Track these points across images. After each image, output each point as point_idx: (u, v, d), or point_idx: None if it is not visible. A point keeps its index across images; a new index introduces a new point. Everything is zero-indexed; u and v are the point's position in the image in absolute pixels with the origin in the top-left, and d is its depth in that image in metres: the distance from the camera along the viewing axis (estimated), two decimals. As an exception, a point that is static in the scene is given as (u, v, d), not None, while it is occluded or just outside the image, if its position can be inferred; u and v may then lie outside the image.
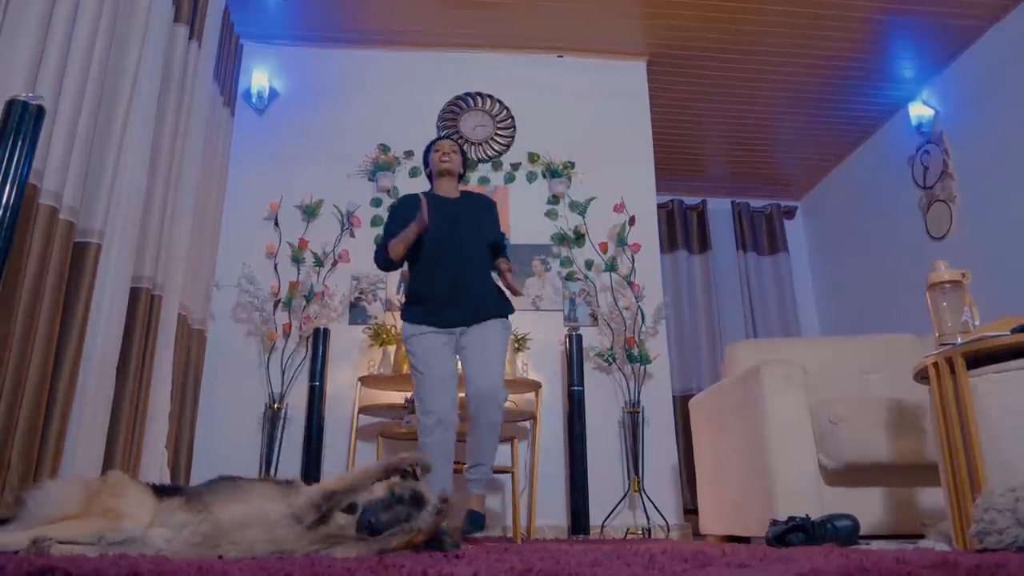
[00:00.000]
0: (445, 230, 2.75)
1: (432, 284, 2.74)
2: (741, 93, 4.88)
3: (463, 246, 2.75)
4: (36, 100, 1.71)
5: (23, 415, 2.00)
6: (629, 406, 3.95)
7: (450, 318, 2.71)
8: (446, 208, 2.81)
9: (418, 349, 2.69)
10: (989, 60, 4.25)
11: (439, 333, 2.71)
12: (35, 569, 0.80)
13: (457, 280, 2.73)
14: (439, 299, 2.72)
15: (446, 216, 2.78)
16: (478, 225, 2.83)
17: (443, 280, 2.73)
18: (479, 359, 2.66)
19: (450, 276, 2.73)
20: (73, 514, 1.33)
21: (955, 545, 1.82)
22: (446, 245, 2.74)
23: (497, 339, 2.72)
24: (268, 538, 1.30)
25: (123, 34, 2.60)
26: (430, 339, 2.70)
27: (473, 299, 2.74)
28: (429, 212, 2.67)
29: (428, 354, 2.67)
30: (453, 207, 2.84)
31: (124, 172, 2.57)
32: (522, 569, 0.95)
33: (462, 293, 2.72)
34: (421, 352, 2.68)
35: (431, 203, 2.75)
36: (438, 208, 2.79)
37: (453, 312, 2.71)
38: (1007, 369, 1.77)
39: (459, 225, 2.77)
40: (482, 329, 2.72)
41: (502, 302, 2.82)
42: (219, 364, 3.82)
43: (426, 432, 2.59)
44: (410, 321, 2.75)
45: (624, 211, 4.26)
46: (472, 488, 2.65)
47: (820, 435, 2.59)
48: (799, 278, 5.96)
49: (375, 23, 4.34)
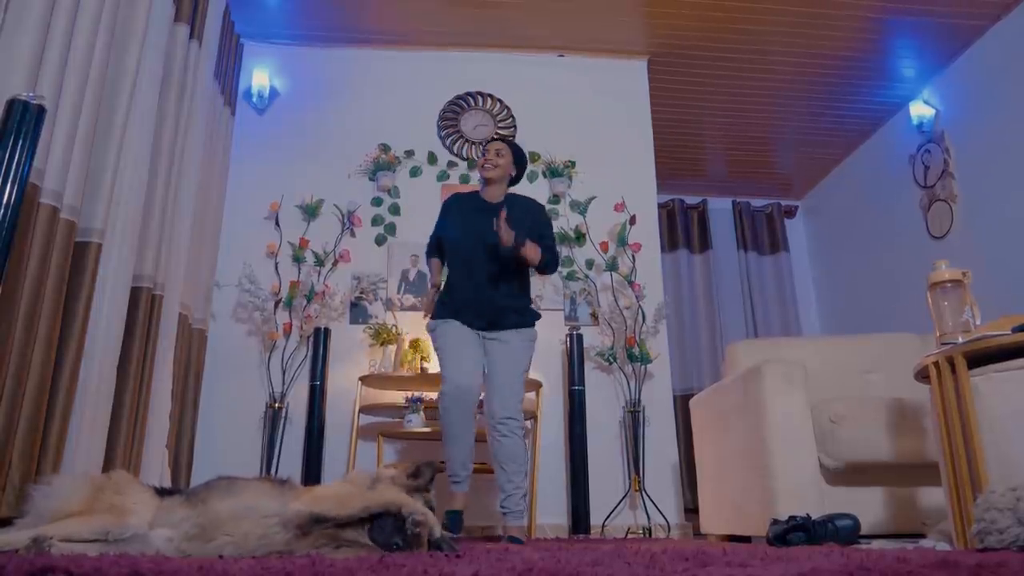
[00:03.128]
0: (476, 235, 2.76)
1: (461, 289, 2.78)
2: (742, 92, 4.87)
3: (492, 251, 2.74)
4: (37, 100, 1.71)
5: (24, 414, 2.00)
6: (630, 405, 3.95)
7: (473, 319, 2.77)
8: (483, 213, 2.80)
9: (440, 332, 2.76)
10: (990, 59, 4.24)
11: (465, 327, 2.77)
12: (36, 568, 0.80)
13: (485, 288, 2.75)
14: (464, 302, 2.77)
15: (480, 221, 2.77)
16: (517, 230, 2.69)
17: (472, 286, 2.76)
18: (499, 376, 2.70)
19: (478, 283, 2.76)
20: (78, 510, 1.34)
21: (956, 544, 1.82)
22: (475, 250, 2.76)
23: (519, 354, 2.74)
24: (261, 532, 1.31)
25: (123, 33, 2.60)
26: (452, 324, 2.76)
27: (496, 305, 2.76)
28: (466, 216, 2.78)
29: (449, 333, 2.74)
30: (491, 212, 2.77)
31: (125, 171, 2.57)
32: (523, 568, 0.94)
33: (486, 298, 2.75)
34: (443, 333, 2.75)
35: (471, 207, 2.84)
36: (475, 213, 2.81)
37: (476, 315, 2.76)
38: (1008, 368, 1.77)
39: (491, 230, 2.68)
40: (505, 342, 2.74)
41: (527, 311, 2.84)
42: (220, 364, 3.82)
43: (444, 399, 2.65)
44: (436, 317, 2.81)
45: (625, 210, 4.26)
46: (508, 520, 2.67)
47: (821, 434, 2.58)
48: (800, 277, 5.96)
49: (376, 22, 4.34)
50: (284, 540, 1.31)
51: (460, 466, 2.66)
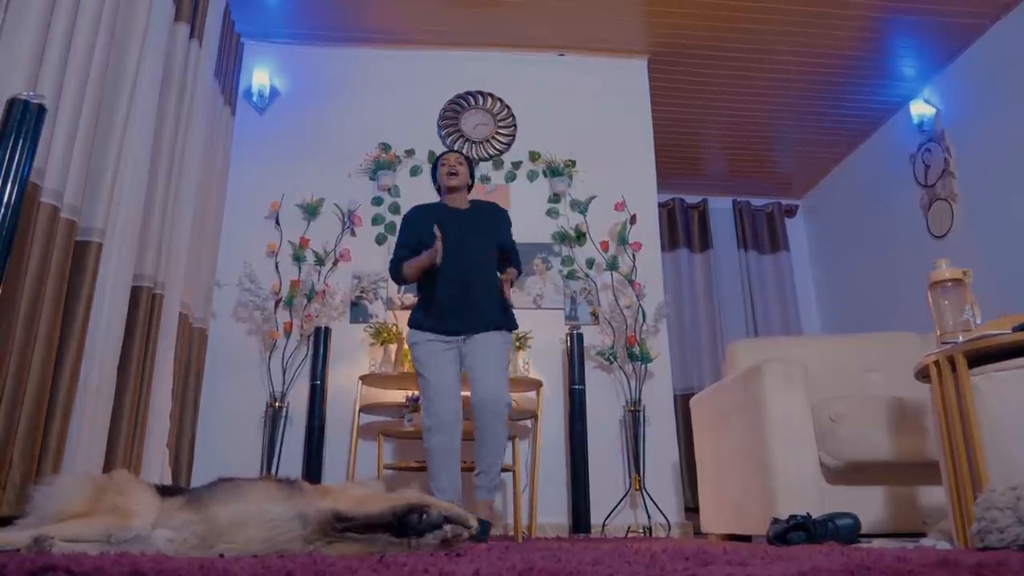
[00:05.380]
0: (453, 241, 2.79)
1: (438, 293, 2.79)
2: (742, 91, 4.87)
3: (469, 257, 2.80)
4: (37, 99, 1.71)
5: (25, 413, 2.00)
6: (630, 405, 3.95)
7: (453, 326, 2.78)
8: (455, 219, 2.87)
9: (422, 355, 2.77)
10: (990, 58, 4.24)
11: (442, 340, 2.78)
12: (36, 567, 0.80)
13: (463, 290, 2.78)
14: (444, 308, 2.78)
15: (454, 227, 2.83)
16: (486, 235, 2.89)
17: (449, 290, 2.78)
18: (481, 367, 2.72)
19: (456, 286, 2.78)
20: (81, 511, 1.34)
21: (956, 543, 1.82)
22: (453, 256, 2.78)
23: (497, 350, 2.77)
24: (265, 536, 1.30)
25: (124, 33, 2.60)
26: (433, 346, 2.77)
27: (477, 310, 2.79)
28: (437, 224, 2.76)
29: (431, 359, 2.75)
30: (461, 218, 2.89)
31: (125, 171, 2.57)
32: (523, 568, 0.94)
33: (466, 303, 2.78)
34: (424, 358, 2.76)
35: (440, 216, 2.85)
36: (447, 220, 2.85)
37: (456, 321, 2.78)
38: (1008, 368, 1.77)
39: (466, 236, 2.82)
40: (483, 339, 2.77)
41: (506, 315, 2.87)
42: (220, 363, 3.82)
43: (429, 434, 2.68)
44: (414, 327, 2.83)
45: (625, 210, 4.26)
46: (479, 495, 2.69)
47: (821, 434, 2.59)
48: (800, 276, 5.96)
49: (376, 21, 4.34)
50: (292, 538, 1.30)
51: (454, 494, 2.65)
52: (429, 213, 2.92)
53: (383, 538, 1.35)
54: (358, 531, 1.34)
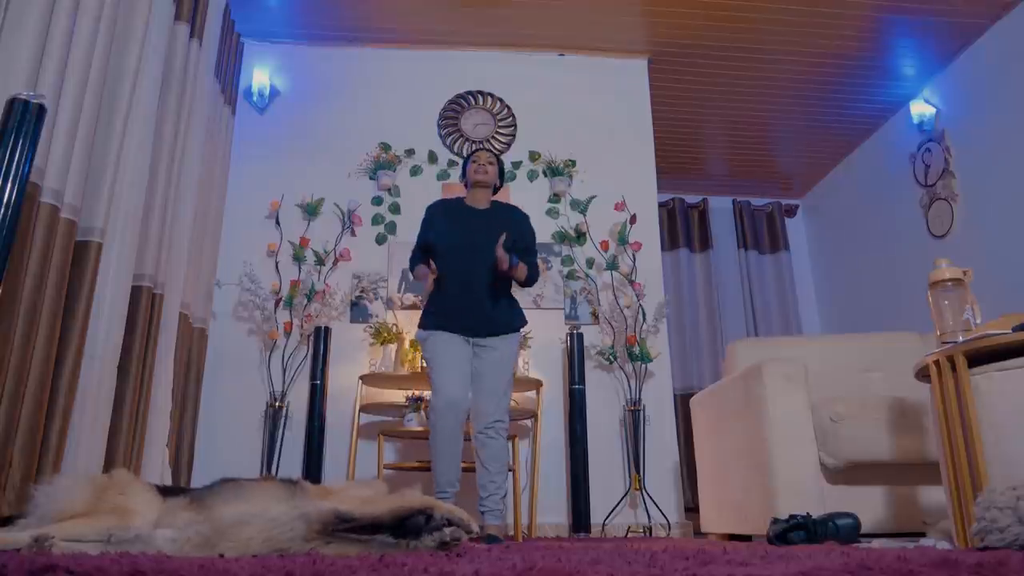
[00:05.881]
0: (467, 241, 2.79)
1: (449, 294, 2.79)
2: (742, 91, 4.87)
3: (482, 258, 2.76)
4: (37, 99, 1.71)
5: (25, 413, 2.00)
6: (630, 404, 3.95)
7: (462, 326, 2.78)
8: (472, 219, 2.86)
9: (430, 345, 2.78)
10: (991, 58, 4.24)
11: (452, 334, 2.78)
12: (37, 567, 0.80)
13: (473, 291, 2.77)
14: (453, 308, 2.78)
15: (470, 227, 2.82)
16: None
17: (459, 290, 2.78)
18: (487, 382, 2.74)
19: (466, 287, 2.77)
20: (82, 511, 1.33)
21: (956, 543, 1.82)
22: (466, 256, 2.78)
23: (507, 361, 2.78)
24: (266, 536, 1.30)
25: (124, 33, 2.60)
26: (443, 336, 2.77)
27: (486, 312, 2.78)
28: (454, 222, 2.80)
29: (439, 345, 2.76)
30: (479, 218, 2.87)
31: (125, 170, 2.57)
32: (523, 568, 0.94)
33: (476, 305, 2.77)
34: (433, 346, 2.77)
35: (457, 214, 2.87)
36: (464, 219, 2.85)
37: (465, 321, 2.78)
38: (1008, 367, 1.77)
39: (480, 237, 2.77)
40: (494, 349, 2.77)
41: (516, 316, 2.87)
42: (220, 362, 3.82)
43: (435, 413, 2.68)
44: (424, 327, 2.83)
45: (625, 209, 4.26)
46: (488, 520, 2.69)
47: (821, 433, 2.59)
48: (800, 276, 5.96)
49: (376, 21, 4.34)
50: (293, 538, 1.30)
51: (448, 483, 2.66)
52: (447, 211, 2.91)
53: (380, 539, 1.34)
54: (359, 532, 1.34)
